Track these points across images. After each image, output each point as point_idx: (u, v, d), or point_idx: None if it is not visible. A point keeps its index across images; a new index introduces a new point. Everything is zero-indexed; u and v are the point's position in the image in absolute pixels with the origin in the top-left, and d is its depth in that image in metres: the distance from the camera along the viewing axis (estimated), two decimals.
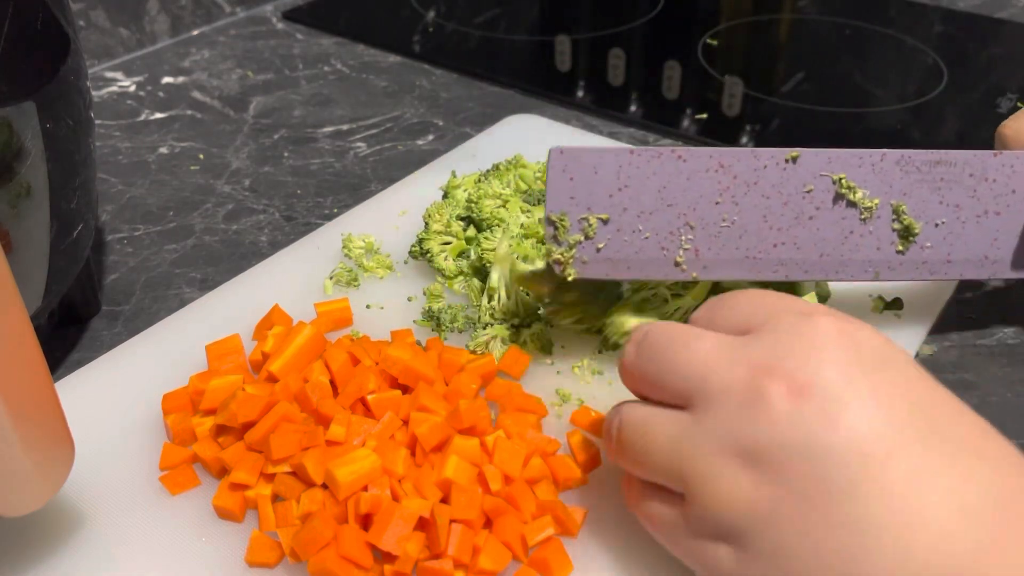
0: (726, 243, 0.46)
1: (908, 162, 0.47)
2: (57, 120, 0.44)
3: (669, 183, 0.45)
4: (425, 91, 0.83)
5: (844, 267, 0.48)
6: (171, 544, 0.41)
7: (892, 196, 0.47)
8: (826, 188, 0.46)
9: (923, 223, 0.47)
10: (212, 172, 0.71)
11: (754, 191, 0.46)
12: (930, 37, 0.91)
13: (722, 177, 0.45)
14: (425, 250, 0.56)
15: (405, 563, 0.38)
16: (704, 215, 0.46)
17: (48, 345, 0.53)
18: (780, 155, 0.46)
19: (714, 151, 0.45)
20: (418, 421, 0.43)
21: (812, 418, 0.32)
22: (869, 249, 0.47)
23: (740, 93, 0.81)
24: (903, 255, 0.48)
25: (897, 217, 0.47)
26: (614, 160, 0.45)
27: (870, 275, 0.48)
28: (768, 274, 0.47)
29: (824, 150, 0.46)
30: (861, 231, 0.47)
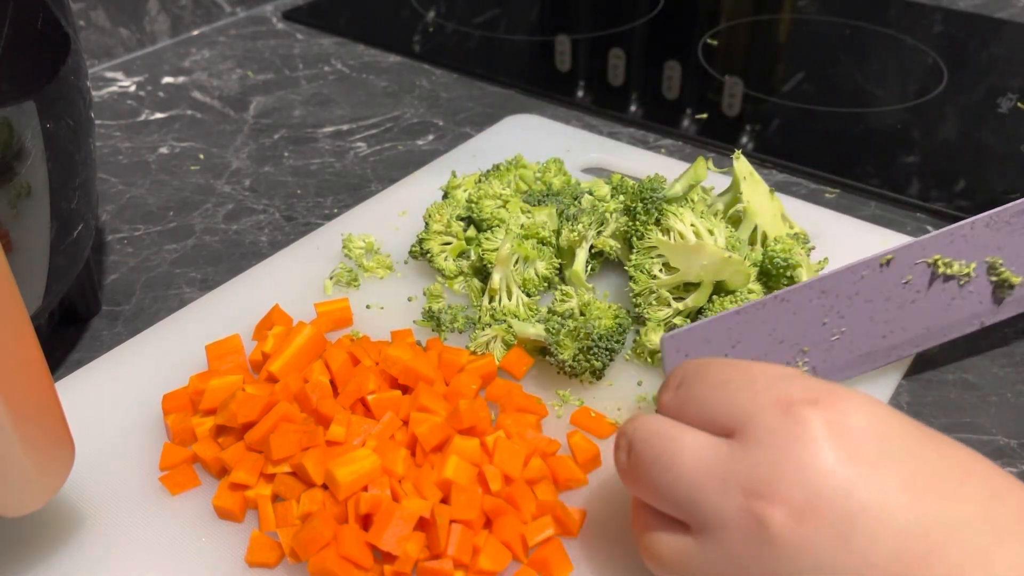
0: (840, 352, 0.47)
1: (996, 220, 0.47)
2: (57, 120, 0.44)
3: (777, 325, 0.45)
4: (425, 91, 0.83)
5: (951, 329, 0.49)
6: (171, 544, 0.41)
7: (987, 253, 0.48)
8: (923, 271, 0.47)
9: (1018, 269, 0.48)
10: (212, 172, 0.71)
11: (856, 300, 0.46)
12: (930, 37, 0.91)
13: (825, 300, 0.46)
14: (425, 250, 0.56)
15: (405, 563, 0.38)
16: (815, 338, 0.46)
17: (48, 345, 0.53)
18: (875, 262, 0.46)
19: (814, 281, 0.46)
20: (418, 421, 0.43)
21: (822, 542, 0.29)
22: (972, 305, 0.48)
23: (740, 93, 0.81)
24: (1001, 299, 0.49)
25: (994, 271, 0.48)
26: (723, 325, 0.45)
27: (976, 326, 0.49)
28: (883, 363, 0.48)
29: (914, 240, 0.47)
30: (962, 294, 0.48)
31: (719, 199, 0.55)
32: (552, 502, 0.41)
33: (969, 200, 0.65)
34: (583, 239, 0.53)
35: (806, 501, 0.30)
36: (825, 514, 0.29)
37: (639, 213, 0.50)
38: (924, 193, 0.66)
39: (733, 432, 0.33)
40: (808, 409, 0.31)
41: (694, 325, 0.44)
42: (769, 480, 0.30)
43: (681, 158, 0.71)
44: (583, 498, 0.43)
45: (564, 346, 0.47)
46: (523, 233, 0.54)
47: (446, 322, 0.52)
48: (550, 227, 0.55)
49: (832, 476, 0.30)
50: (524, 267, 0.53)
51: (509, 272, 0.52)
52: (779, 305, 0.45)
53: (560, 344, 0.47)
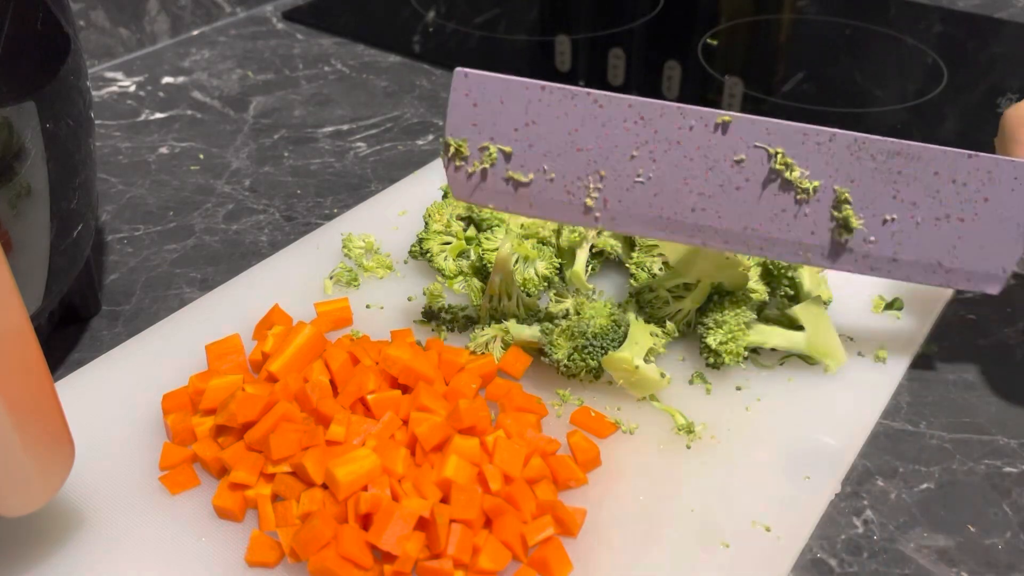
0: (639, 198, 0.43)
1: (862, 148, 0.43)
2: (57, 120, 0.44)
3: (582, 127, 0.42)
4: (425, 91, 0.83)
5: (771, 245, 0.44)
6: (171, 544, 0.41)
7: (837, 180, 0.43)
8: (760, 160, 0.43)
9: (869, 217, 0.43)
10: (212, 172, 0.71)
11: (676, 151, 0.42)
12: (930, 37, 0.91)
13: (641, 130, 0.42)
14: (425, 250, 0.56)
15: (405, 563, 0.38)
16: (617, 166, 0.43)
17: (48, 345, 0.53)
18: (711, 117, 0.42)
19: (635, 101, 0.42)
20: (418, 421, 0.43)
21: None
22: (802, 231, 0.44)
23: (740, 93, 0.81)
24: (839, 244, 0.44)
25: (838, 207, 0.43)
26: (523, 93, 0.42)
27: (800, 258, 0.44)
28: (683, 238, 0.44)
29: (763, 119, 0.43)
30: (795, 211, 0.43)
31: None
32: (552, 502, 0.41)
33: None
34: (583, 239, 0.53)
35: None
36: None
37: None
38: None
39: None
40: None
41: (495, 75, 0.42)
42: None
43: None
44: (583, 498, 0.43)
45: (558, 346, 0.47)
46: (523, 233, 0.54)
47: (446, 322, 0.52)
48: (550, 227, 0.55)
49: None
50: (524, 267, 0.53)
51: (509, 272, 0.52)
52: (590, 106, 0.42)
53: (554, 344, 0.47)
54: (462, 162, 0.43)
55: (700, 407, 0.48)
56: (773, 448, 0.45)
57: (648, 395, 0.48)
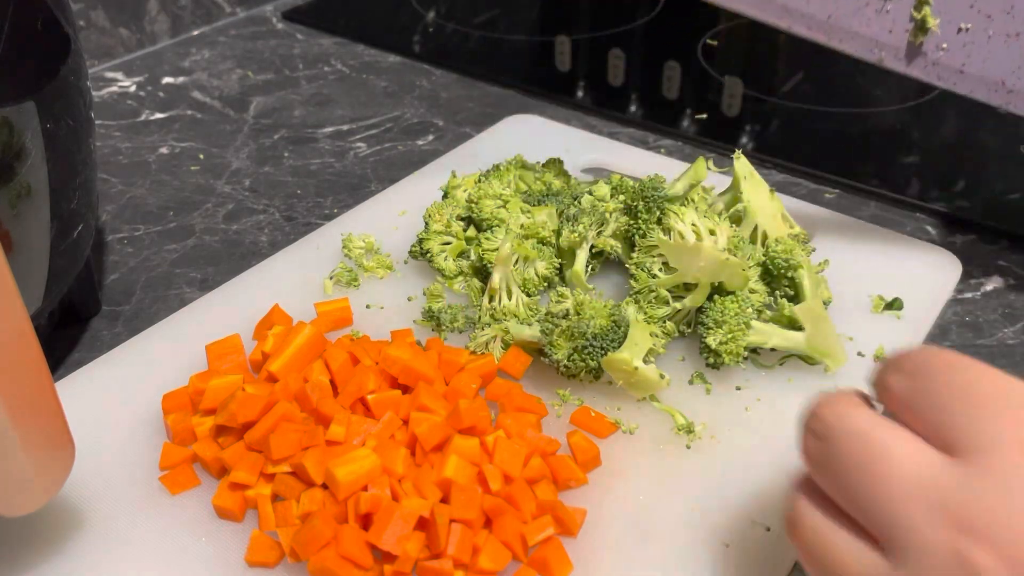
0: None
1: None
2: (57, 120, 0.44)
3: None
4: (425, 91, 0.83)
5: (849, 38, 0.44)
6: (171, 544, 0.41)
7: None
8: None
9: (946, 23, 0.43)
10: (212, 172, 0.71)
11: None
12: None
13: None
14: (425, 250, 0.56)
15: (405, 563, 0.38)
16: None
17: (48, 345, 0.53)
18: None
19: None
20: (418, 421, 0.43)
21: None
22: (880, 29, 0.44)
23: (740, 93, 0.81)
24: (914, 47, 0.44)
25: (918, 6, 0.43)
26: None
27: (875, 57, 0.44)
28: (771, 17, 0.43)
29: None
30: (877, 6, 0.43)
31: (719, 199, 0.55)
32: (552, 502, 0.41)
33: (968, 200, 0.65)
34: (583, 239, 0.53)
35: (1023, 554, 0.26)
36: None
37: (641, 212, 0.50)
38: (924, 193, 0.66)
39: (960, 451, 0.28)
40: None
41: None
42: (987, 520, 0.27)
43: (681, 158, 0.71)
44: (583, 498, 0.43)
45: (558, 346, 0.47)
46: (523, 233, 0.54)
47: (446, 322, 0.52)
48: (550, 227, 0.55)
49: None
50: (524, 267, 0.53)
51: (509, 272, 0.52)
52: None
53: (554, 344, 0.47)
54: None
55: (700, 407, 0.48)
56: (773, 448, 0.45)
57: (648, 395, 0.48)
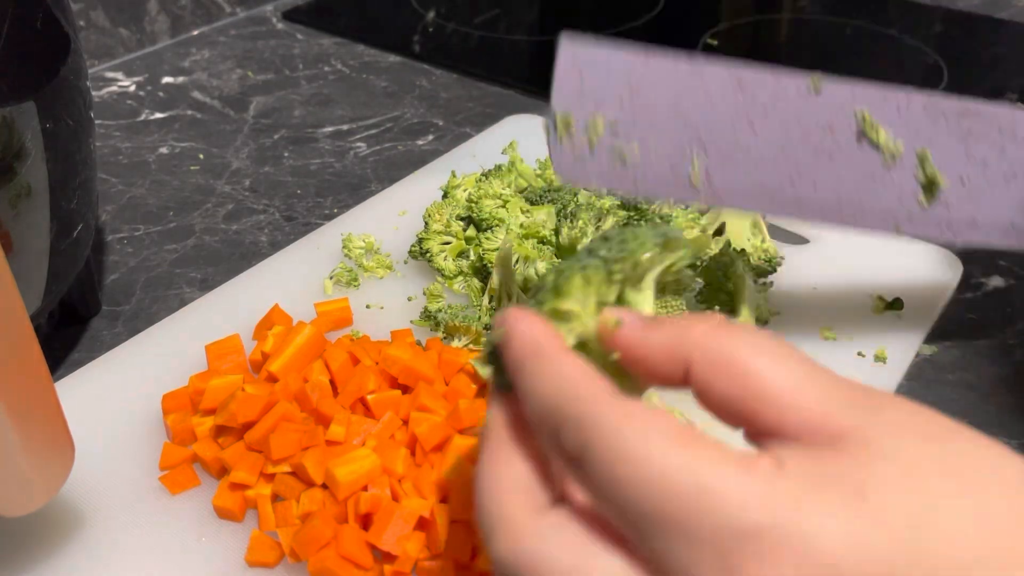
0: (740, 171, 0.43)
1: (935, 108, 0.44)
2: (57, 120, 0.44)
3: (683, 95, 0.42)
4: (425, 91, 0.83)
5: (863, 216, 0.44)
6: (171, 544, 0.41)
7: (917, 142, 0.44)
8: (848, 126, 0.43)
9: (947, 177, 0.44)
10: (212, 172, 0.71)
11: (772, 117, 0.43)
12: (930, 37, 0.91)
13: (739, 96, 0.43)
14: (425, 250, 0.56)
15: (405, 563, 0.38)
16: (718, 136, 0.43)
17: (48, 345, 0.53)
18: (803, 82, 0.43)
19: (733, 69, 0.43)
20: (418, 421, 0.43)
21: None
22: (890, 198, 0.44)
23: None
24: (926, 210, 0.44)
25: (921, 166, 0.44)
26: (627, 62, 0.42)
27: (890, 227, 0.44)
28: (782, 212, 0.44)
29: (849, 83, 0.44)
30: (883, 178, 0.44)
31: None
32: None
33: None
34: (583, 235, 0.53)
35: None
36: None
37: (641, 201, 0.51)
38: None
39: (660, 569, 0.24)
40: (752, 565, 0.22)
41: (599, 43, 0.41)
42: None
43: None
44: None
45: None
46: (523, 233, 0.54)
47: (444, 322, 0.52)
48: (549, 226, 0.55)
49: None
50: (524, 267, 0.53)
51: (509, 272, 0.52)
52: (690, 73, 0.42)
53: None
54: (568, 137, 0.42)
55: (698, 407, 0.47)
56: None
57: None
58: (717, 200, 0.43)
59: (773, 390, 0.25)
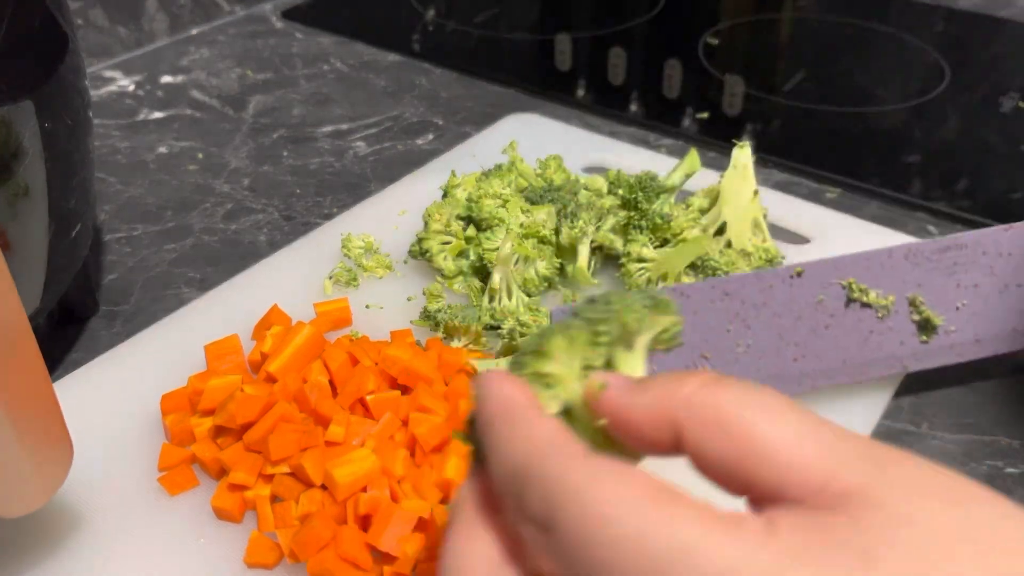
0: (746, 366, 0.45)
1: (917, 254, 0.46)
2: (55, 119, 0.44)
3: None
4: (425, 91, 0.82)
5: (869, 367, 0.46)
6: (170, 544, 0.41)
7: (907, 289, 0.46)
8: (837, 295, 0.46)
9: (943, 310, 0.46)
10: (211, 172, 0.71)
11: (764, 311, 0.45)
12: (932, 36, 0.91)
13: (730, 304, 0.45)
14: (424, 250, 0.56)
15: (404, 564, 0.38)
16: (718, 344, 0.45)
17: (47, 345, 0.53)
18: (785, 272, 0.45)
19: (716, 281, 0.45)
20: (418, 421, 0.43)
21: None
22: (892, 345, 0.46)
23: (741, 92, 0.81)
24: (929, 344, 0.47)
25: (915, 309, 0.46)
26: None
27: (899, 368, 0.47)
28: (793, 390, 0.46)
29: (829, 258, 0.46)
30: (881, 329, 0.46)
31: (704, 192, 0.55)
32: None
33: (970, 199, 0.65)
34: (584, 235, 0.53)
35: None
36: None
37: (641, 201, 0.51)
38: (925, 192, 0.66)
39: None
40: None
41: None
42: None
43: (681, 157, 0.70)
44: None
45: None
46: (523, 232, 0.54)
47: (444, 322, 0.52)
48: (549, 226, 0.55)
49: None
50: (524, 267, 0.53)
51: (509, 272, 0.52)
52: (678, 297, 0.44)
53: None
54: None
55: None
56: None
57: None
58: None
59: (770, 448, 0.23)
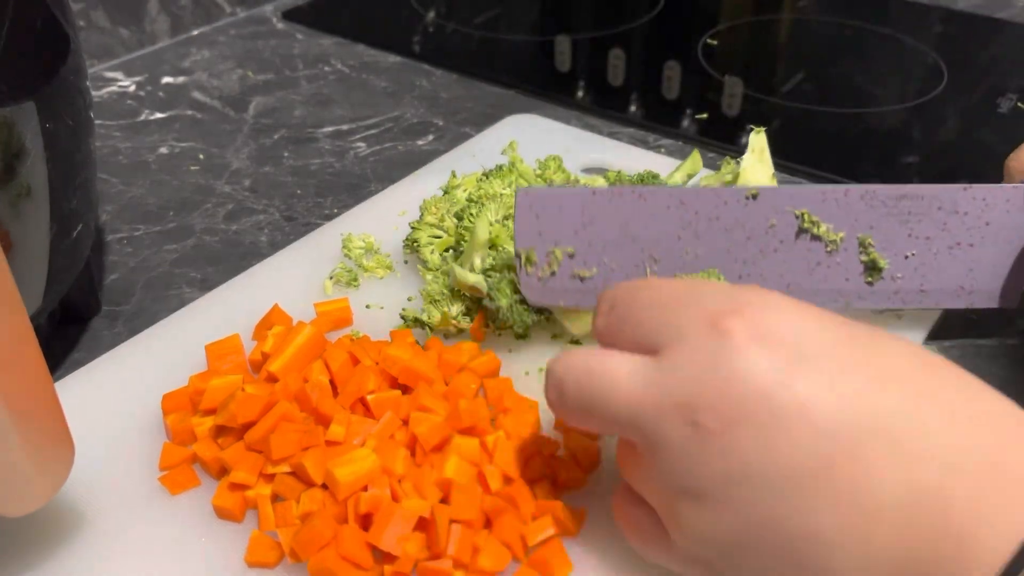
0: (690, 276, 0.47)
1: (873, 197, 0.47)
2: (57, 120, 0.44)
3: (631, 219, 0.46)
4: (425, 91, 0.83)
5: (813, 296, 0.48)
6: (171, 544, 0.41)
7: (858, 229, 0.47)
8: (789, 223, 0.47)
9: (891, 256, 0.48)
10: (212, 172, 0.71)
11: (716, 226, 0.47)
12: (930, 37, 0.91)
13: (683, 213, 0.46)
14: (414, 239, 0.56)
15: (405, 563, 0.38)
16: (667, 249, 0.47)
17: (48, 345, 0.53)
18: (740, 192, 0.47)
19: (674, 190, 0.47)
20: (418, 421, 0.43)
21: (748, 444, 0.31)
22: (838, 280, 0.48)
23: (740, 93, 0.81)
24: (872, 286, 0.48)
25: (864, 250, 0.47)
26: (577, 199, 0.46)
27: (840, 304, 0.48)
28: None
29: (786, 187, 0.47)
30: (828, 262, 0.48)
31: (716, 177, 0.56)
32: (552, 502, 0.41)
33: None
34: None
35: (730, 407, 0.31)
36: (749, 418, 0.31)
37: None
38: None
39: (662, 349, 0.33)
40: (731, 319, 0.32)
41: (552, 188, 0.46)
42: (698, 391, 0.32)
43: (681, 158, 0.70)
44: (583, 498, 0.43)
45: (502, 293, 0.49)
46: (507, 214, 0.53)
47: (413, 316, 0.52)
48: None
49: (754, 381, 0.31)
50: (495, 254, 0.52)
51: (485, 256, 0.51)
52: (635, 200, 0.46)
53: (498, 290, 0.49)
54: (532, 268, 0.47)
55: None
56: None
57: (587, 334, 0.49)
58: None
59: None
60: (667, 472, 0.33)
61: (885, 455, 0.30)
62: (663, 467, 0.33)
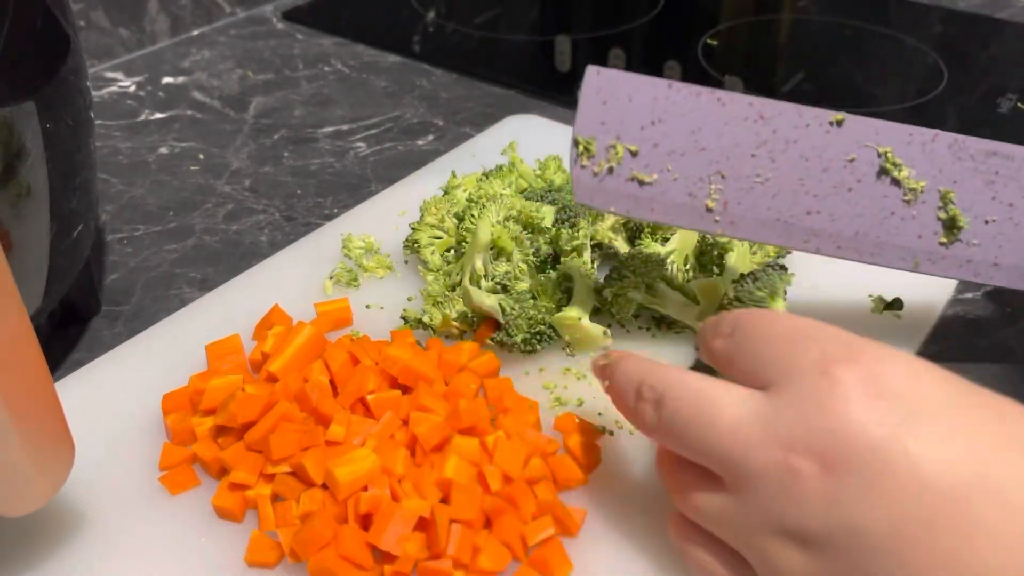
0: (758, 200, 0.43)
1: (962, 148, 0.43)
2: (57, 120, 0.44)
3: (704, 125, 0.43)
4: (425, 91, 0.83)
5: (881, 250, 0.44)
6: (171, 544, 0.41)
7: (941, 182, 0.43)
8: (870, 160, 0.43)
9: (971, 217, 0.44)
10: (212, 172, 0.71)
11: (793, 150, 0.43)
12: (930, 37, 0.91)
13: (761, 129, 0.43)
14: (414, 240, 0.56)
15: (405, 563, 0.38)
16: (737, 166, 0.43)
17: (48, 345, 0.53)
18: (825, 116, 0.43)
19: (756, 100, 0.43)
20: (418, 421, 0.43)
21: (851, 494, 0.30)
22: (910, 235, 0.44)
23: None
24: (946, 248, 0.44)
25: (944, 205, 0.44)
26: (650, 91, 0.43)
27: (909, 264, 0.44)
28: (798, 243, 0.44)
29: (873, 120, 0.44)
30: (903, 213, 0.44)
31: None
32: (552, 502, 0.41)
33: None
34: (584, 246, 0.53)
35: (836, 455, 0.31)
36: (854, 468, 0.30)
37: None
38: None
39: (771, 385, 0.33)
40: (844, 367, 0.32)
41: (625, 72, 0.42)
42: (804, 434, 0.31)
43: None
44: (583, 498, 0.43)
45: (518, 328, 0.48)
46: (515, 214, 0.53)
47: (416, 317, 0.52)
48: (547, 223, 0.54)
49: (865, 433, 0.30)
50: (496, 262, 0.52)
51: (486, 259, 0.51)
52: (713, 103, 0.43)
53: (516, 327, 0.48)
54: (589, 160, 0.43)
55: None
56: None
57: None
58: (733, 229, 0.44)
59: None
60: (761, 510, 0.32)
61: (995, 517, 0.29)
62: (757, 504, 0.32)
